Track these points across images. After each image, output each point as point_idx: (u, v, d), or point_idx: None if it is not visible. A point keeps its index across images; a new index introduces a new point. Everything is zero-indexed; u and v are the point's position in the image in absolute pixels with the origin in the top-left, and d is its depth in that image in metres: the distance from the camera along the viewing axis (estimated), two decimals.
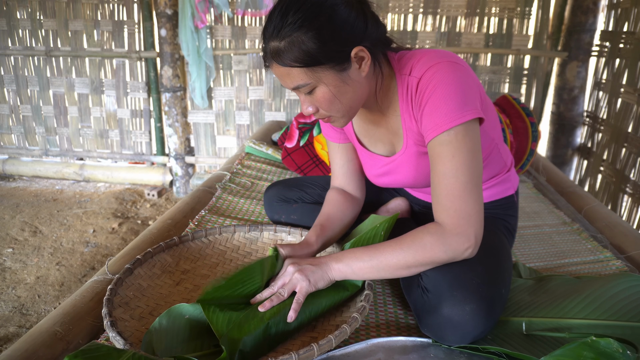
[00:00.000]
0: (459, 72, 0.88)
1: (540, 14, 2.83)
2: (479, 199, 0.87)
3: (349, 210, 1.17)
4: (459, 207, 0.86)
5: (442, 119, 0.86)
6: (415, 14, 2.95)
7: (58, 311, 1.00)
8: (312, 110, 0.93)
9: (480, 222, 0.87)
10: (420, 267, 0.90)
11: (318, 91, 0.89)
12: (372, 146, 1.13)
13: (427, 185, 1.13)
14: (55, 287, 2.14)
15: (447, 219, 0.87)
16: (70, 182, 3.61)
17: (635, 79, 2.32)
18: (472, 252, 0.88)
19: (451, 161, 0.86)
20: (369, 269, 0.91)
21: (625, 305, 1.02)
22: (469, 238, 0.86)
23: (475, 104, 0.88)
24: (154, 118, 3.38)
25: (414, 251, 0.88)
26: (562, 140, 2.95)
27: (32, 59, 3.38)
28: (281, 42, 0.84)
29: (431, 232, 0.88)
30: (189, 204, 1.61)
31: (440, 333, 0.88)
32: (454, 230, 0.86)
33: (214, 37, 3.10)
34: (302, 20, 0.82)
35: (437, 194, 0.89)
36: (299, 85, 0.88)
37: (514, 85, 2.98)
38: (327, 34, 0.83)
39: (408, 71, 0.94)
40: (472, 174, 0.87)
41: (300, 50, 0.83)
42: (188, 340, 0.88)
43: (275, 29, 0.85)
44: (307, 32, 0.83)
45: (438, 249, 0.87)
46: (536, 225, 1.63)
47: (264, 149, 2.24)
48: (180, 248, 1.19)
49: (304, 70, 0.86)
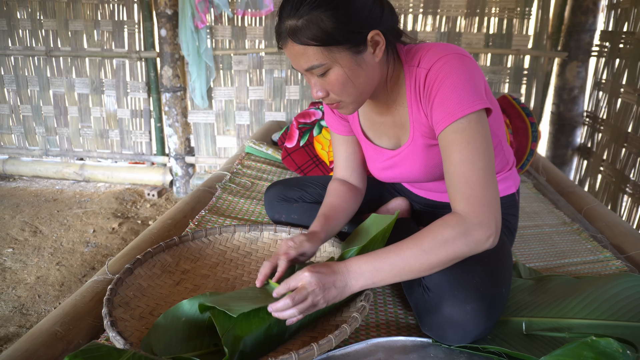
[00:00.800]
0: (467, 64, 0.88)
1: (540, 14, 2.83)
2: (496, 186, 0.86)
3: (352, 200, 1.17)
4: (479, 193, 0.84)
5: (454, 107, 0.86)
6: (415, 14, 2.95)
7: (58, 311, 1.00)
8: (322, 95, 0.92)
9: (499, 210, 0.85)
10: (443, 266, 0.86)
11: (332, 73, 0.89)
12: (377, 139, 1.13)
13: (430, 180, 1.13)
14: (55, 287, 2.14)
15: (467, 206, 0.84)
16: (70, 182, 3.61)
17: (635, 79, 2.32)
18: (494, 241, 0.84)
19: (467, 148, 0.85)
20: (391, 278, 0.87)
21: (625, 305, 1.02)
22: (490, 226, 0.83)
23: (483, 95, 0.88)
24: (154, 118, 3.38)
25: (436, 251, 0.84)
26: (562, 140, 2.95)
27: (32, 59, 3.38)
28: (299, 21, 0.84)
29: (451, 225, 0.84)
30: (189, 204, 1.61)
31: (441, 332, 0.88)
32: (475, 219, 0.83)
33: (214, 37, 3.10)
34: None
35: (455, 182, 0.86)
36: (313, 66, 0.87)
37: (514, 85, 2.98)
38: (345, 14, 0.84)
39: (416, 63, 0.94)
40: (488, 160, 0.85)
41: (319, 29, 0.83)
42: (187, 339, 0.87)
43: (293, 8, 0.84)
44: (325, 11, 0.83)
45: (460, 242, 0.83)
46: (536, 225, 1.63)
47: (264, 149, 2.24)
48: (180, 248, 1.19)
49: (320, 50, 0.85)
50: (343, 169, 1.20)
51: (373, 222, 1.09)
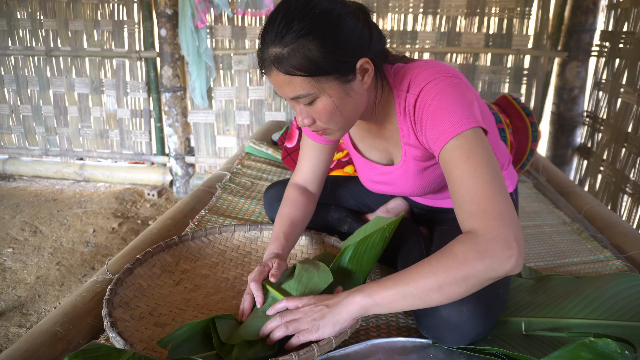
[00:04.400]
0: (457, 86, 0.86)
1: (540, 14, 2.83)
2: (509, 200, 0.77)
3: (310, 210, 1.15)
4: (487, 207, 0.75)
5: (448, 126, 0.82)
6: (415, 14, 2.94)
7: (58, 311, 1.00)
8: (309, 122, 0.89)
9: (518, 225, 0.75)
10: (454, 284, 0.74)
11: (319, 102, 0.86)
12: (367, 152, 1.12)
13: (427, 194, 1.13)
14: (55, 287, 2.14)
15: (476, 223, 0.75)
16: (70, 182, 3.61)
17: (635, 79, 2.32)
18: (517, 262, 0.72)
19: (467, 163, 0.79)
20: (394, 295, 0.77)
21: (625, 305, 1.02)
22: (509, 242, 0.72)
23: (475, 115, 0.85)
24: (154, 118, 3.38)
25: (444, 264, 0.74)
26: (562, 140, 2.95)
27: (32, 59, 3.38)
28: (284, 49, 0.80)
29: (461, 241, 0.75)
30: (189, 204, 1.61)
31: (439, 335, 0.88)
32: (488, 234, 0.73)
33: (214, 37, 3.10)
34: (308, 27, 0.79)
35: (460, 202, 0.79)
36: (299, 95, 0.84)
37: (514, 85, 2.98)
38: (333, 43, 0.80)
39: (405, 87, 0.92)
40: (494, 172, 0.78)
41: (306, 58, 0.80)
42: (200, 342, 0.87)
43: (278, 35, 0.80)
44: (313, 39, 0.79)
45: (472, 256, 0.72)
46: (536, 225, 1.63)
47: (264, 149, 2.24)
48: (180, 248, 1.19)
49: (307, 80, 0.82)
50: (306, 175, 1.17)
51: (376, 223, 1.08)
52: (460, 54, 2.97)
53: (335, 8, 0.81)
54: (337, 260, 1.00)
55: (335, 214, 1.32)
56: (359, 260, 0.99)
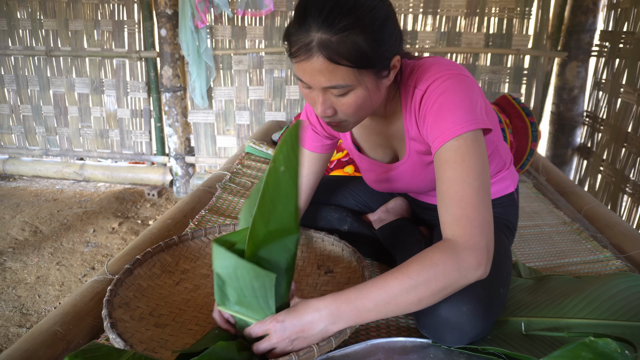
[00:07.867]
0: (464, 84, 0.87)
1: (540, 14, 2.83)
2: (491, 210, 0.81)
3: None
4: (470, 214, 0.79)
5: (450, 126, 0.83)
6: (415, 14, 2.94)
7: (58, 311, 1.00)
8: (331, 113, 0.87)
9: (492, 237, 0.80)
10: (432, 296, 0.78)
11: (352, 94, 0.84)
12: (371, 151, 1.12)
13: (429, 190, 1.13)
14: (55, 287, 2.14)
15: (457, 229, 0.79)
16: (70, 182, 3.61)
17: (635, 79, 2.32)
18: (485, 271, 0.79)
19: (461, 166, 0.81)
20: (375, 315, 0.78)
21: (625, 305, 1.02)
22: (481, 251, 0.78)
23: (483, 115, 0.86)
24: (154, 118, 3.38)
25: (425, 277, 0.76)
26: (562, 140, 2.95)
27: (32, 58, 3.38)
28: (333, 36, 0.77)
29: (441, 249, 0.78)
30: (189, 204, 1.61)
31: (439, 334, 0.88)
32: (466, 243, 0.78)
33: (214, 37, 3.10)
34: (359, 20, 0.78)
35: (446, 203, 0.82)
36: (337, 85, 0.81)
37: (514, 85, 2.97)
38: (381, 39, 0.81)
39: (412, 83, 0.93)
40: (483, 181, 0.82)
41: (356, 50, 0.78)
42: None
43: (326, 20, 0.76)
44: (364, 32, 0.78)
45: (451, 266, 0.76)
46: (536, 225, 1.63)
47: (264, 148, 2.24)
48: (180, 247, 1.19)
49: (351, 71, 0.80)
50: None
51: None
52: (460, 54, 2.97)
53: (383, 4, 0.83)
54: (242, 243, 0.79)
55: (335, 213, 1.32)
56: (265, 218, 0.76)
